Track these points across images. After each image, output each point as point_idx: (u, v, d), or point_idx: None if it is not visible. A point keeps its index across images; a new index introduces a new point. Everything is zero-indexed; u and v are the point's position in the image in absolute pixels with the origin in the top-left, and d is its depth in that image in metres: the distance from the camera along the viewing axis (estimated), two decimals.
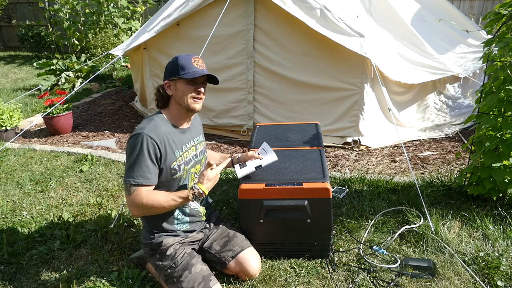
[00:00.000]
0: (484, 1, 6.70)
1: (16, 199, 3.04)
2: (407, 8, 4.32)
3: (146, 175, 1.83)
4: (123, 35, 7.27)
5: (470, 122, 2.69)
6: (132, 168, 1.82)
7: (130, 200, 1.84)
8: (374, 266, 2.12)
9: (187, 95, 1.90)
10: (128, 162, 1.85)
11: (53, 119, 4.42)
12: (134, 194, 1.82)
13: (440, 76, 3.88)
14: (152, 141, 1.82)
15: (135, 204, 1.83)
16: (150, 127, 1.85)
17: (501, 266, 2.06)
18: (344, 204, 2.75)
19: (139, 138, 1.82)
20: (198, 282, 1.87)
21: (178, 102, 1.94)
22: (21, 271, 2.23)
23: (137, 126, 1.89)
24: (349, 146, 3.80)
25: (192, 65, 1.88)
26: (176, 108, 1.96)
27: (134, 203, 1.83)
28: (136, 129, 1.86)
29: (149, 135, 1.82)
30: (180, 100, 1.92)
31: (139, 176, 1.82)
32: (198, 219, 2.12)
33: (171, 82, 1.93)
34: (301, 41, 3.70)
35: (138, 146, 1.81)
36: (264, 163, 2.17)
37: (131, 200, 1.84)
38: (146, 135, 1.82)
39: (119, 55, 4.46)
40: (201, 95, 1.93)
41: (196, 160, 2.08)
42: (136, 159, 1.82)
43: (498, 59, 2.38)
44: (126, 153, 1.88)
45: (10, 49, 10.57)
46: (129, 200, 1.85)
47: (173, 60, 1.92)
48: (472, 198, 2.70)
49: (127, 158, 1.86)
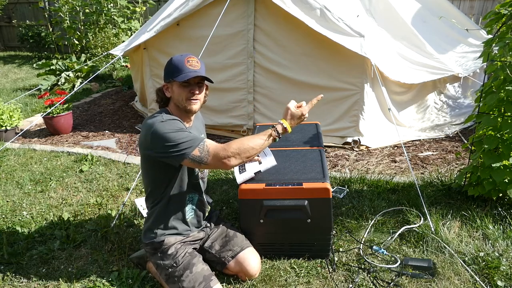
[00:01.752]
0: (484, 1, 6.70)
1: (16, 199, 3.04)
2: (407, 8, 4.32)
3: (195, 136, 1.84)
4: (123, 35, 7.27)
5: (470, 122, 2.69)
6: (181, 141, 1.78)
7: (213, 158, 1.79)
8: (374, 266, 2.12)
9: (183, 96, 1.90)
10: (169, 143, 1.78)
11: (53, 119, 4.42)
12: (212, 150, 1.80)
13: (440, 76, 3.88)
14: (175, 120, 1.86)
15: (220, 156, 1.78)
16: (165, 116, 1.86)
17: (501, 266, 2.06)
18: (344, 204, 2.75)
19: (164, 123, 1.81)
20: (199, 281, 1.87)
21: (176, 104, 1.95)
22: (21, 271, 2.23)
23: (149, 122, 1.86)
24: (349, 146, 3.80)
25: (185, 66, 1.86)
26: (175, 109, 1.97)
27: (218, 157, 1.78)
28: (153, 123, 1.83)
29: (170, 118, 1.85)
30: (177, 102, 1.93)
31: (192, 140, 1.80)
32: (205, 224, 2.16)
33: (168, 84, 1.94)
34: (301, 41, 3.70)
35: (168, 127, 1.80)
36: (263, 168, 2.16)
37: (217, 156, 1.79)
38: (167, 118, 1.83)
39: (119, 55, 4.46)
40: (196, 95, 1.91)
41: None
42: (176, 135, 1.79)
43: (498, 59, 2.38)
44: (159, 144, 1.80)
45: (10, 49, 10.57)
46: (213, 160, 1.79)
47: (168, 62, 1.92)
48: (472, 198, 2.70)
49: (164, 142, 1.79)
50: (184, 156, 1.79)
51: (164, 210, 2.00)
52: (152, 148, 1.85)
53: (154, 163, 1.93)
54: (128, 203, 2.91)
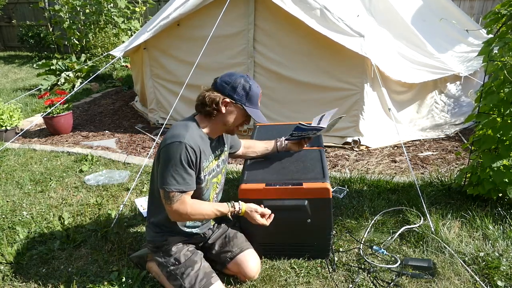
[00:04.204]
0: (484, 1, 6.70)
1: (16, 199, 3.04)
2: (407, 8, 4.31)
3: (187, 182, 1.82)
4: (123, 35, 7.27)
5: (470, 122, 2.69)
6: (174, 175, 1.79)
7: (173, 208, 1.82)
8: (374, 266, 2.12)
9: (237, 123, 1.93)
10: (167, 169, 1.79)
11: (53, 119, 4.42)
12: (179, 203, 1.82)
13: (441, 75, 3.88)
14: (192, 150, 1.80)
15: (179, 212, 1.83)
16: (189, 136, 1.81)
17: (501, 266, 2.06)
18: (344, 204, 2.75)
19: (180, 146, 1.77)
20: (200, 278, 1.88)
21: (223, 122, 1.92)
22: (21, 271, 2.23)
23: (174, 133, 1.83)
24: (349, 146, 3.80)
25: (257, 102, 1.91)
26: (217, 124, 1.93)
27: (178, 211, 1.83)
28: (174, 136, 1.81)
29: (190, 144, 1.79)
30: (228, 122, 1.91)
31: (182, 183, 1.80)
32: (209, 226, 2.15)
33: (232, 103, 1.88)
34: (301, 41, 3.70)
35: (179, 154, 1.77)
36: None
37: (175, 208, 1.82)
38: (187, 144, 1.78)
39: (119, 55, 4.45)
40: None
41: (218, 170, 2.08)
42: (177, 167, 1.78)
43: (498, 59, 2.38)
44: (163, 159, 1.81)
45: (10, 49, 10.57)
46: (172, 208, 1.83)
47: (245, 85, 1.86)
48: (472, 198, 2.70)
49: (165, 164, 1.80)
50: (164, 186, 1.81)
51: (166, 217, 1.98)
52: (159, 154, 1.86)
53: None
54: (128, 203, 2.91)
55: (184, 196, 1.83)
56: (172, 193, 1.80)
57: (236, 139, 2.26)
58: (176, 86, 4.25)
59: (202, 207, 1.90)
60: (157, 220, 2.02)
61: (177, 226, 2.01)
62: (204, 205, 1.92)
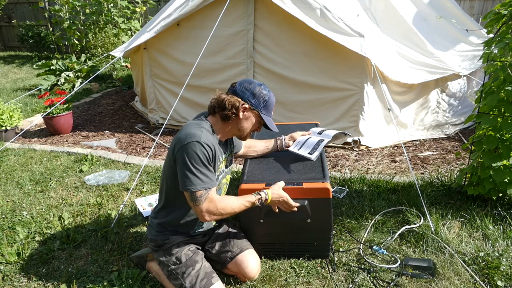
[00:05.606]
0: (484, 1, 6.70)
1: (16, 199, 3.04)
2: (407, 7, 4.31)
3: (211, 179, 1.83)
4: (123, 35, 7.27)
5: (470, 122, 2.68)
6: (197, 175, 1.79)
7: (203, 207, 1.82)
8: (374, 266, 2.12)
9: (251, 128, 1.97)
10: (189, 170, 1.79)
11: (53, 119, 4.42)
12: (207, 201, 1.82)
13: (441, 75, 3.88)
14: (209, 148, 1.81)
15: (210, 210, 1.83)
16: (204, 136, 1.82)
17: (501, 266, 2.06)
18: (344, 204, 2.75)
19: (199, 145, 1.78)
20: (200, 278, 1.88)
21: (238, 127, 1.95)
22: (21, 271, 2.23)
23: (189, 132, 1.83)
24: (349, 146, 3.80)
25: (271, 111, 1.99)
26: (232, 128, 1.96)
27: (209, 210, 1.83)
28: (189, 135, 1.81)
29: (206, 143, 1.80)
30: (242, 127, 1.95)
31: (206, 181, 1.81)
32: (210, 225, 2.16)
33: (250, 109, 1.92)
34: (301, 41, 3.70)
35: (198, 153, 1.78)
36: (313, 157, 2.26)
37: (206, 208, 1.82)
38: (204, 143, 1.79)
39: (119, 56, 4.45)
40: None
41: (227, 170, 2.11)
42: (199, 166, 1.79)
43: (498, 59, 2.38)
44: (182, 160, 1.80)
45: (10, 49, 10.57)
46: (203, 208, 1.82)
47: (264, 93, 1.93)
48: (472, 198, 2.70)
49: (186, 165, 1.79)
50: (188, 188, 1.80)
51: (175, 218, 2.00)
52: (175, 157, 1.85)
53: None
54: (128, 203, 2.91)
55: (210, 193, 1.83)
56: (198, 192, 1.80)
57: (238, 140, 2.27)
58: (176, 86, 4.25)
59: (229, 201, 1.90)
60: (164, 220, 2.02)
61: (183, 227, 2.02)
62: (231, 199, 1.92)
